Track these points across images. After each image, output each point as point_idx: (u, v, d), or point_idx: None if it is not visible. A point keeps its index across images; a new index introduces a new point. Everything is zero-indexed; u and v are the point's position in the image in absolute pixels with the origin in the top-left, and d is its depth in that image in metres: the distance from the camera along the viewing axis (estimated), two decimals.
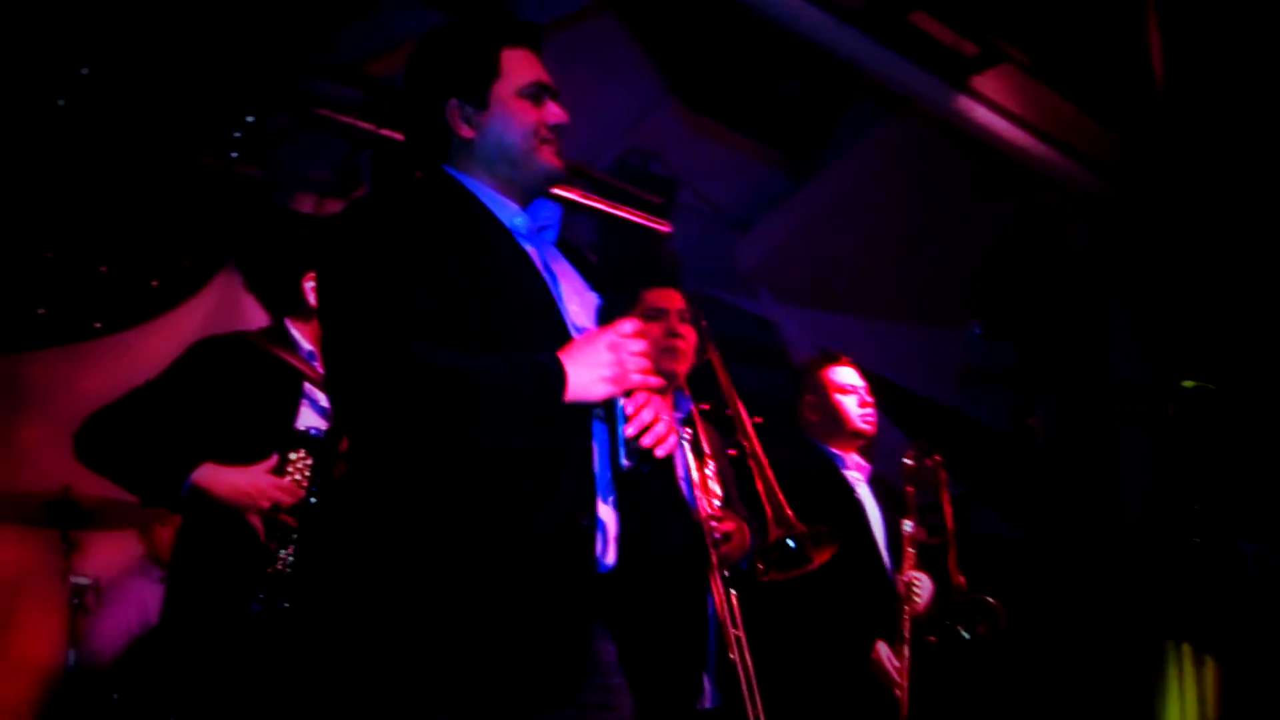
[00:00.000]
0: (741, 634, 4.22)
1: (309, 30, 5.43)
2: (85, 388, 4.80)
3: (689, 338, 4.54)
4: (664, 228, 6.97)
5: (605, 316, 2.76)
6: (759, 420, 7.87)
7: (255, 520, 3.56)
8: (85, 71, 4.91)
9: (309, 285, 3.96)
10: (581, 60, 6.20)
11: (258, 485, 3.59)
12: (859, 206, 7.28)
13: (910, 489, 5.13)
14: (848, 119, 6.09)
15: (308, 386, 3.82)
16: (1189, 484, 6.04)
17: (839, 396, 5.12)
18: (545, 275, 2.77)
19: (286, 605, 3.49)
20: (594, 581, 2.64)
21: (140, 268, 5.97)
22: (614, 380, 2.57)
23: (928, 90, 5.34)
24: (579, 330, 2.73)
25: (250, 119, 5.36)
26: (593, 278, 3.00)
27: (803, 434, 5.24)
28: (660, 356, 4.38)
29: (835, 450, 5.13)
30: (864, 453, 5.21)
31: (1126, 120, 5.63)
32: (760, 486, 4.36)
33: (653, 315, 4.48)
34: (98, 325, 5.86)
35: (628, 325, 2.63)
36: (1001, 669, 4.56)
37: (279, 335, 3.97)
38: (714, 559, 4.18)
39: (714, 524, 4.21)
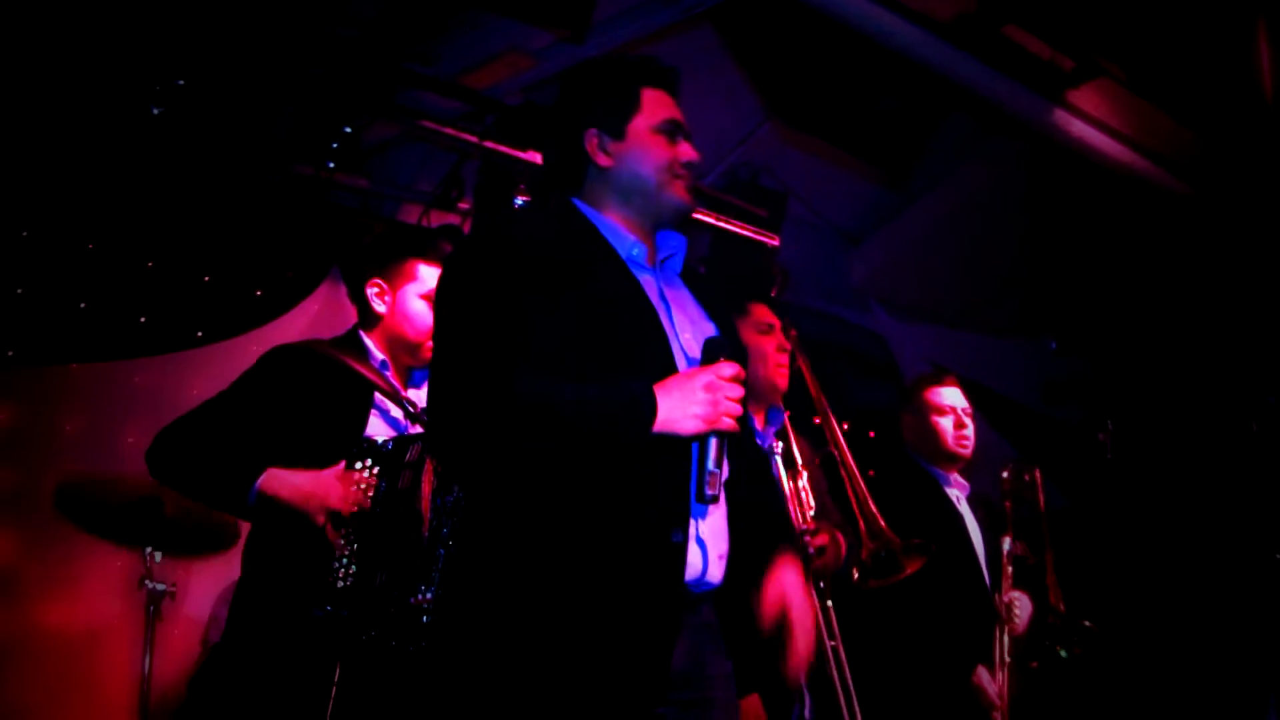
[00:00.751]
0: (840, 645, 4.22)
1: (412, 43, 5.52)
2: (188, 395, 4.83)
3: (793, 340, 4.57)
4: (772, 241, 6.98)
5: (710, 354, 2.75)
6: (870, 435, 7.95)
7: (321, 521, 3.52)
8: (180, 83, 4.98)
9: (371, 292, 3.94)
10: (684, 74, 6.22)
11: (322, 487, 3.54)
12: (972, 222, 7.22)
13: (1008, 505, 5.10)
14: (945, 134, 6.06)
15: (378, 397, 3.79)
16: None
17: (936, 418, 5.11)
18: (659, 305, 2.84)
19: (345, 614, 3.45)
20: (681, 596, 2.65)
21: (244, 277, 6.05)
22: (704, 419, 2.62)
23: (1023, 105, 5.27)
24: (690, 360, 2.79)
25: (348, 129, 5.42)
26: (715, 310, 3.03)
27: (905, 451, 5.23)
28: (776, 372, 4.44)
29: (936, 469, 5.10)
30: (965, 472, 5.18)
31: (1229, 132, 5.53)
32: (853, 497, 4.36)
33: (764, 330, 4.51)
34: (200, 334, 5.95)
35: (727, 369, 2.66)
36: (1101, 693, 4.49)
37: (352, 344, 3.93)
38: (810, 572, 4.18)
39: (808, 538, 4.21)
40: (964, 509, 5.06)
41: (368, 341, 3.94)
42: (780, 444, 4.44)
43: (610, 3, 5.15)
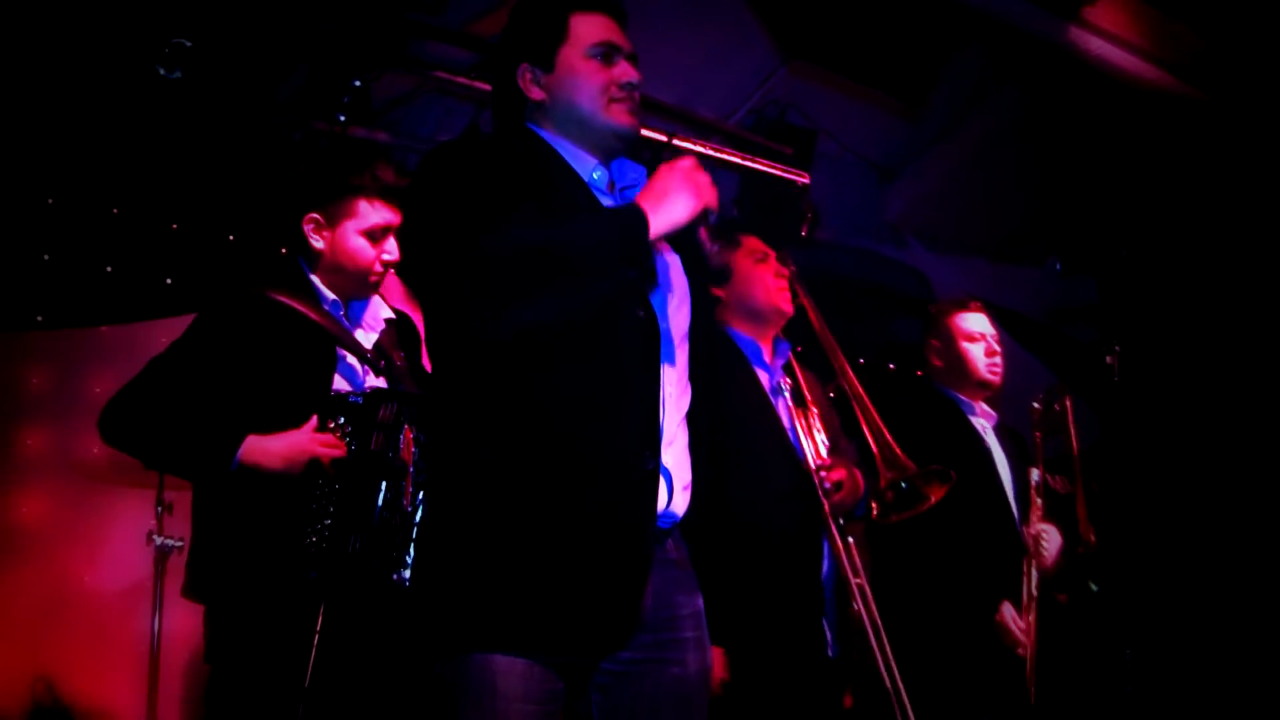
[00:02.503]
0: (865, 582, 4.17)
1: None
2: None
3: (790, 276, 4.52)
4: (801, 178, 6.88)
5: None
6: (890, 367, 7.85)
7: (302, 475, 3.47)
8: (188, 44, 4.99)
9: (308, 228, 3.83)
10: (698, 14, 6.16)
11: (302, 447, 3.49)
12: (1004, 152, 7.07)
13: (1039, 435, 5.00)
14: (961, 61, 5.92)
15: (340, 350, 3.71)
16: None
17: (965, 344, 5.01)
18: None
19: (314, 575, 3.39)
20: (653, 529, 2.63)
21: (267, 235, 6.07)
22: (694, 195, 2.62)
23: (1038, 24, 5.15)
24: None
25: (357, 83, 5.40)
26: (676, 239, 2.95)
27: (929, 380, 5.15)
28: (778, 295, 4.43)
29: (962, 397, 5.02)
30: (992, 401, 5.09)
31: (1246, 37, 5.35)
32: (866, 429, 4.30)
33: (759, 258, 4.49)
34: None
35: (684, 161, 2.68)
36: (1131, 628, 4.41)
37: (299, 284, 3.81)
38: (826, 508, 4.14)
39: (823, 474, 4.17)
40: (990, 439, 4.99)
41: (315, 280, 3.83)
42: (789, 380, 4.41)
43: None
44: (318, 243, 3.83)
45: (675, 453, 2.73)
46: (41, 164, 5.67)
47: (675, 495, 2.70)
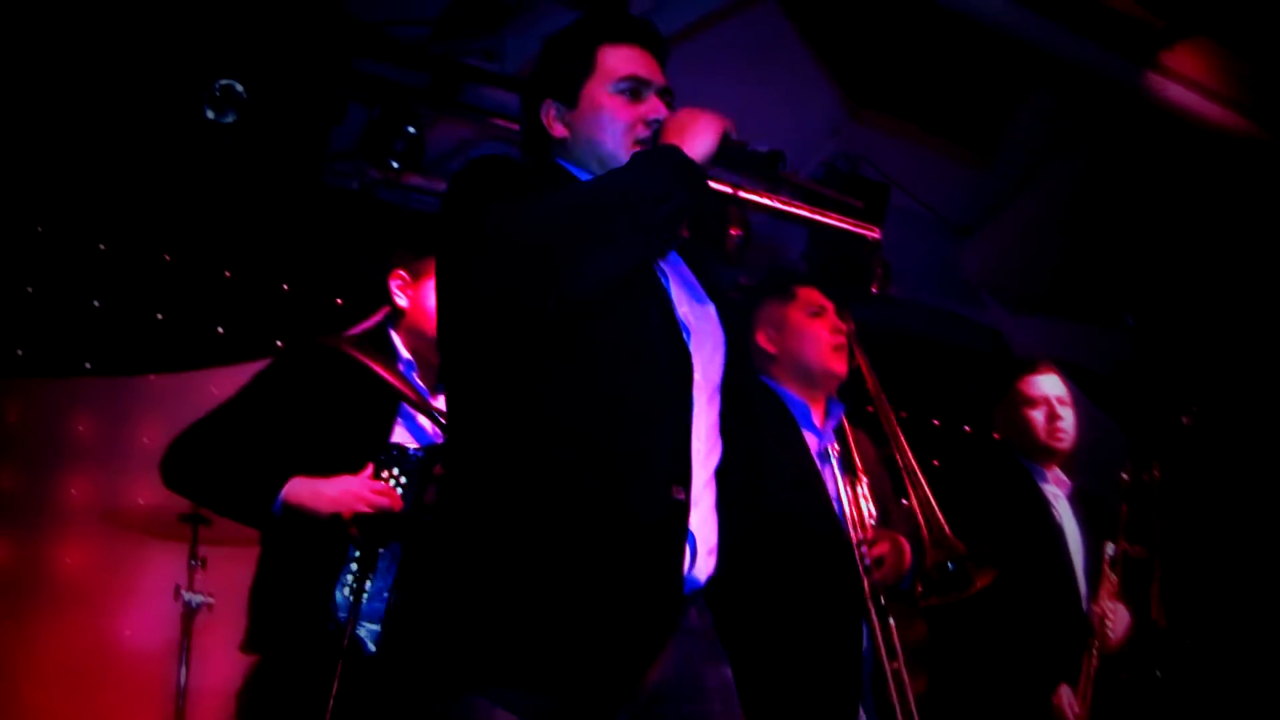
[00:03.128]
0: (902, 667, 3.91)
1: (475, 38, 5.42)
2: None
3: (849, 334, 4.28)
4: (872, 233, 6.65)
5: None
6: (967, 429, 7.58)
7: (354, 532, 3.36)
8: (241, 89, 4.95)
9: (395, 285, 3.82)
10: (765, 62, 6.01)
11: (351, 492, 3.38)
12: (1085, 206, 6.82)
13: (1125, 507, 4.70)
14: (1031, 108, 5.69)
15: (405, 406, 3.65)
16: None
17: (1027, 409, 4.79)
18: (658, 272, 2.64)
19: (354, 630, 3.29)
20: (678, 574, 2.41)
21: (322, 285, 5.99)
22: (711, 119, 2.52)
23: (1113, 70, 4.91)
24: (683, 325, 2.59)
25: (411, 129, 5.30)
26: (712, 286, 2.83)
27: (1000, 445, 4.91)
28: (831, 356, 4.16)
29: (1033, 464, 4.78)
30: (1067, 467, 4.84)
31: None
32: (916, 504, 4.05)
33: (815, 312, 4.23)
34: (279, 343, 5.92)
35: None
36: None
37: (378, 340, 3.79)
38: (866, 586, 3.89)
39: (865, 549, 3.91)
40: (1062, 508, 4.73)
41: (395, 339, 3.79)
42: (838, 446, 4.16)
43: None
44: (401, 300, 3.82)
45: (701, 513, 2.50)
46: (93, 210, 5.65)
47: (699, 559, 2.48)
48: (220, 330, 5.83)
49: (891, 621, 3.90)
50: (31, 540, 5.71)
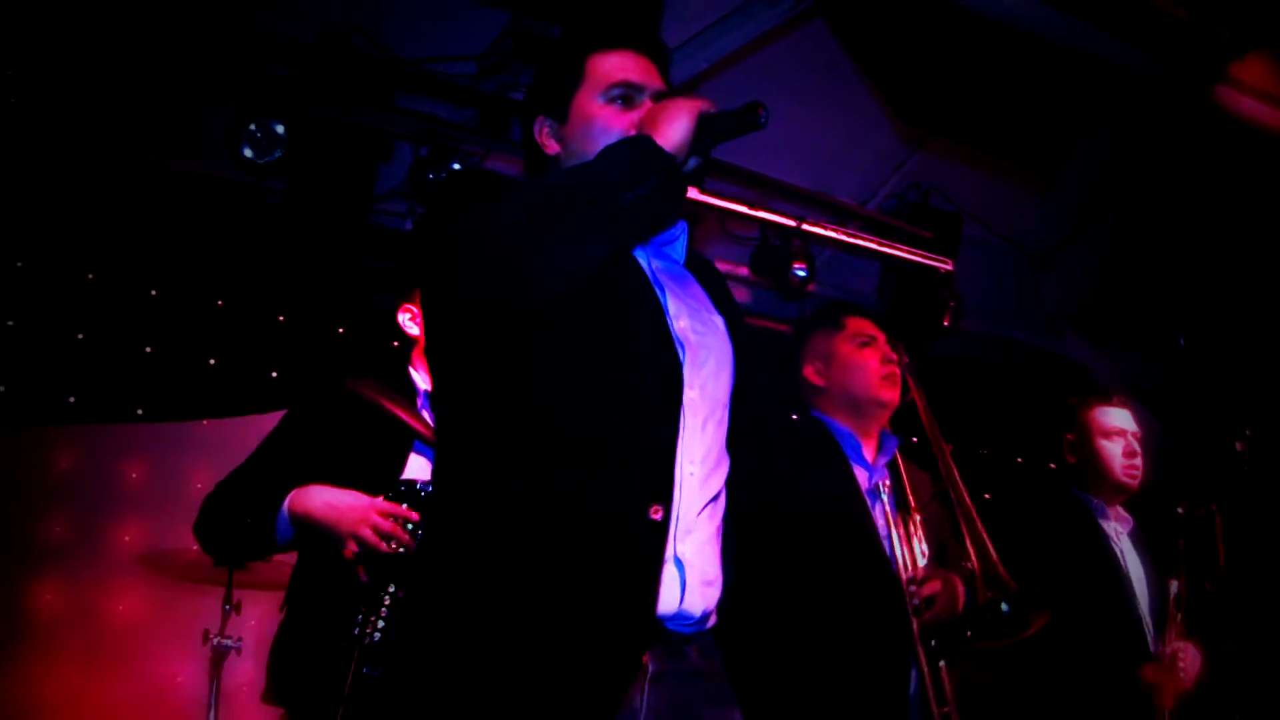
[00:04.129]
0: (953, 712, 3.69)
1: (521, 73, 5.33)
2: None
3: (902, 365, 4.09)
4: (944, 265, 6.47)
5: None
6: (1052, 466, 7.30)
7: (353, 549, 3.29)
8: (279, 129, 4.91)
9: (404, 318, 3.82)
10: (819, 90, 5.87)
11: (357, 506, 3.32)
12: (1167, 229, 6.56)
13: (1182, 543, 4.51)
14: (1097, 128, 5.46)
15: (418, 443, 3.59)
16: None
17: (1102, 441, 4.59)
18: (653, 284, 2.52)
19: (373, 673, 3.21)
20: (647, 605, 2.24)
21: (378, 328, 5.92)
22: (686, 105, 2.36)
23: (1180, 83, 4.67)
24: (679, 339, 2.45)
25: (456, 165, 5.21)
26: (724, 302, 2.72)
27: (1062, 478, 4.70)
28: (880, 385, 4.02)
29: (1095, 500, 4.57)
30: (1130, 505, 4.64)
31: None
32: (969, 542, 3.84)
33: (864, 342, 4.08)
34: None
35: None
36: None
37: (395, 373, 3.79)
38: (915, 627, 3.68)
39: (914, 588, 3.71)
40: (1124, 546, 4.54)
41: (413, 371, 3.79)
42: (890, 481, 3.97)
43: (706, 9, 4.80)
44: (413, 330, 3.82)
45: (695, 543, 2.36)
46: (144, 257, 5.64)
47: (690, 591, 2.32)
48: (274, 375, 5.77)
49: (942, 665, 3.71)
50: (82, 586, 5.74)
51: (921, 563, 3.81)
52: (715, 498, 2.44)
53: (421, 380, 3.76)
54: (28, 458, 5.89)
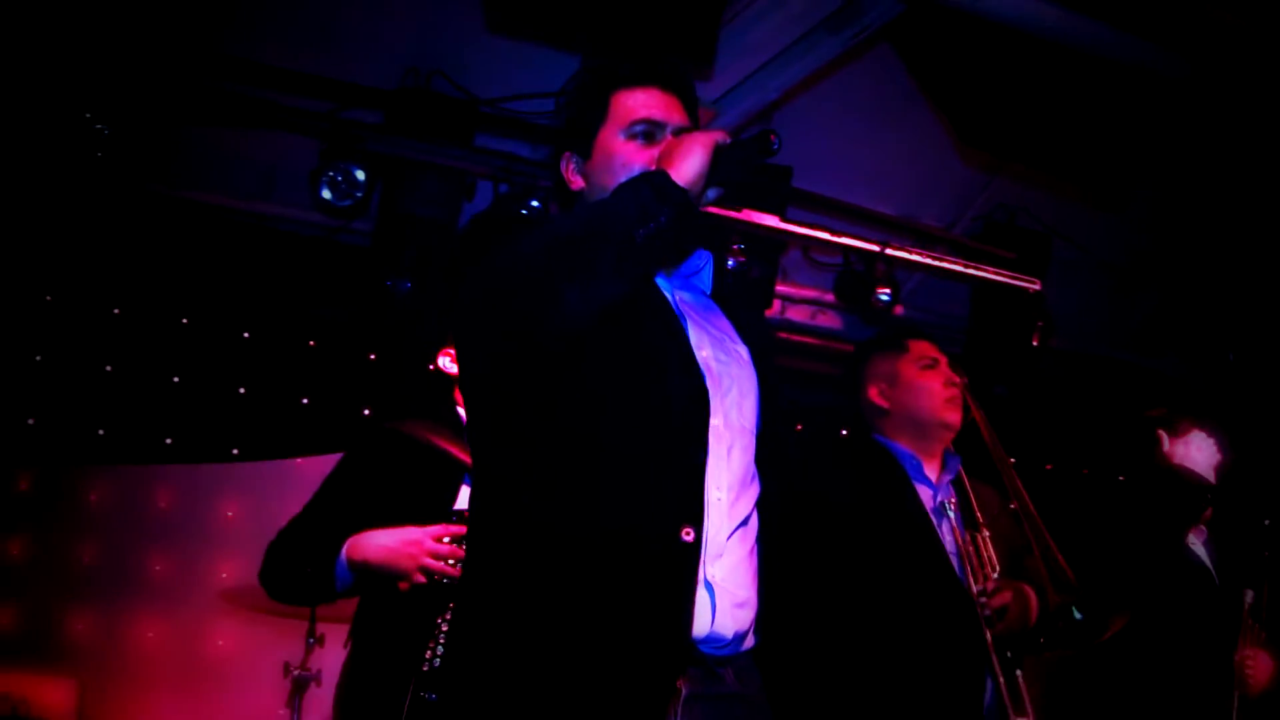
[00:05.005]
0: None
1: None
2: None
3: (963, 387, 4.09)
4: (1032, 285, 6.40)
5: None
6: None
7: (417, 580, 3.36)
8: (360, 174, 5.06)
9: (444, 362, 3.88)
10: (891, 116, 5.86)
11: (410, 540, 3.39)
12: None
13: (1267, 553, 4.52)
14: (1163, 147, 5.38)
15: (468, 476, 3.59)
16: None
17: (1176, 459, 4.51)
18: (677, 315, 2.57)
19: (432, 698, 3.26)
20: (680, 631, 2.27)
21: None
22: (700, 140, 2.40)
23: (1247, 96, 4.57)
24: (702, 366, 2.49)
25: (536, 204, 5.27)
26: (749, 332, 2.74)
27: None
28: (944, 407, 4.03)
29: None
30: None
31: None
32: (1036, 550, 3.81)
33: (927, 365, 4.11)
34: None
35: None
36: None
37: (444, 412, 3.85)
38: (989, 639, 3.66)
39: (984, 600, 3.70)
40: (1201, 553, 4.49)
41: (459, 410, 3.82)
42: (956, 499, 3.96)
43: (768, 42, 4.83)
44: (453, 370, 3.83)
45: (726, 566, 2.38)
46: (235, 303, 5.82)
47: (721, 614, 2.34)
48: (366, 412, 5.89)
49: (1019, 674, 3.68)
50: (180, 621, 5.92)
51: (992, 575, 3.81)
52: (745, 521, 2.47)
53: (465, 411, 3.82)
54: (129, 497, 6.08)
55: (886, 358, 4.16)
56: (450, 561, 3.36)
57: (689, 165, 2.36)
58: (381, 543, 3.43)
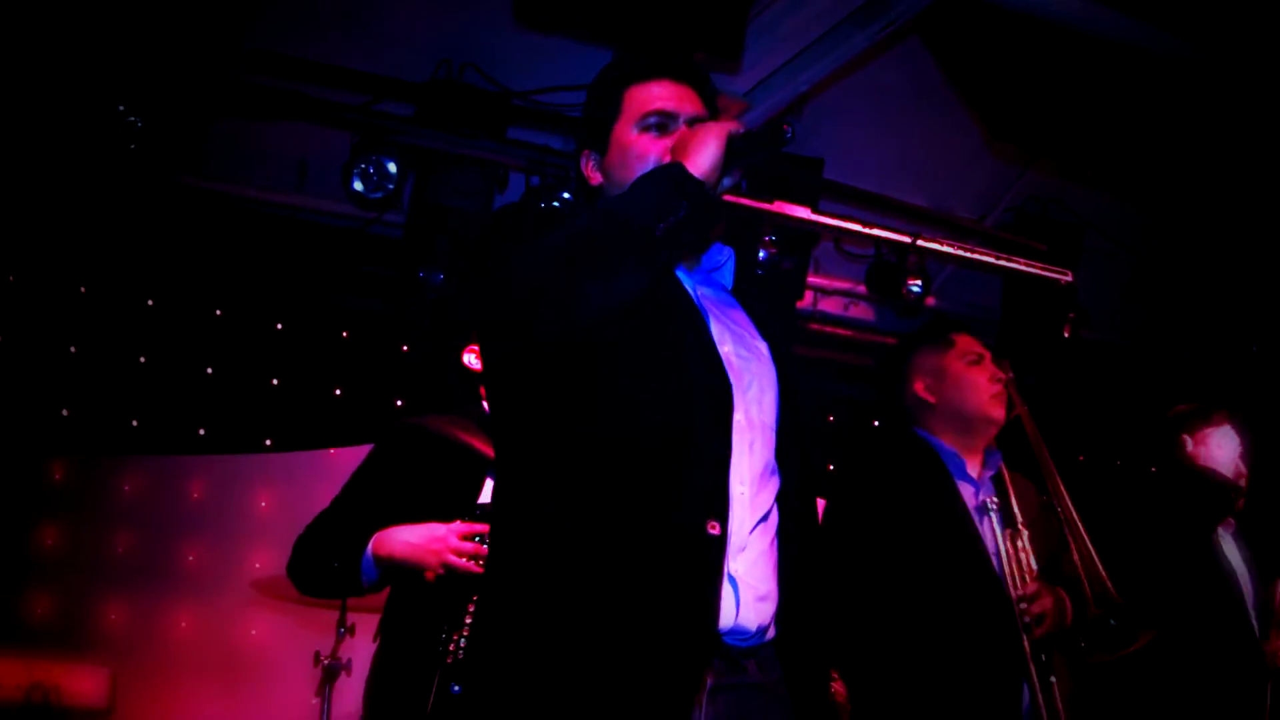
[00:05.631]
0: None
1: None
2: None
3: (1008, 382, 4.06)
4: (1065, 276, 6.35)
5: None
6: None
7: (437, 574, 3.38)
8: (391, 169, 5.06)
9: (467, 358, 3.93)
10: (920, 108, 5.84)
11: (435, 537, 3.41)
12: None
13: None
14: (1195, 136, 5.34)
15: (490, 469, 3.65)
16: None
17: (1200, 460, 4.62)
18: (700, 309, 2.57)
19: (457, 690, 3.27)
20: (708, 622, 2.27)
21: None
22: (715, 130, 2.40)
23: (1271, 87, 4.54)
24: (724, 361, 2.50)
25: (567, 195, 5.29)
26: (769, 328, 2.74)
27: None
28: (990, 403, 3.99)
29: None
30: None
31: None
32: (1077, 557, 3.79)
33: (973, 360, 4.06)
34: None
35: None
36: None
37: (469, 406, 3.87)
38: (1026, 645, 3.64)
39: (1024, 605, 3.67)
40: (1229, 547, 4.52)
41: (485, 404, 3.83)
42: (997, 498, 3.93)
43: (796, 35, 4.83)
44: (477, 365, 3.90)
45: (748, 560, 2.39)
46: (271, 288, 5.84)
47: (745, 607, 2.35)
48: (399, 404, 5.92)
49: (1053, 680, 3.66)
50: (214, 611, 6.01)
51: (1030, 579, 3.78)
52: (766, 516, 2.48)
53: None
54: (162, 487, 6.13)
55: (933, 352, 4.12)
56: (475, 559, 3.36)
57: (703, 156, 2.36)
58: (406, 539, 3.44)
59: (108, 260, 5.57)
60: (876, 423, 7.02)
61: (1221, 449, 4.54)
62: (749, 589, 2.36)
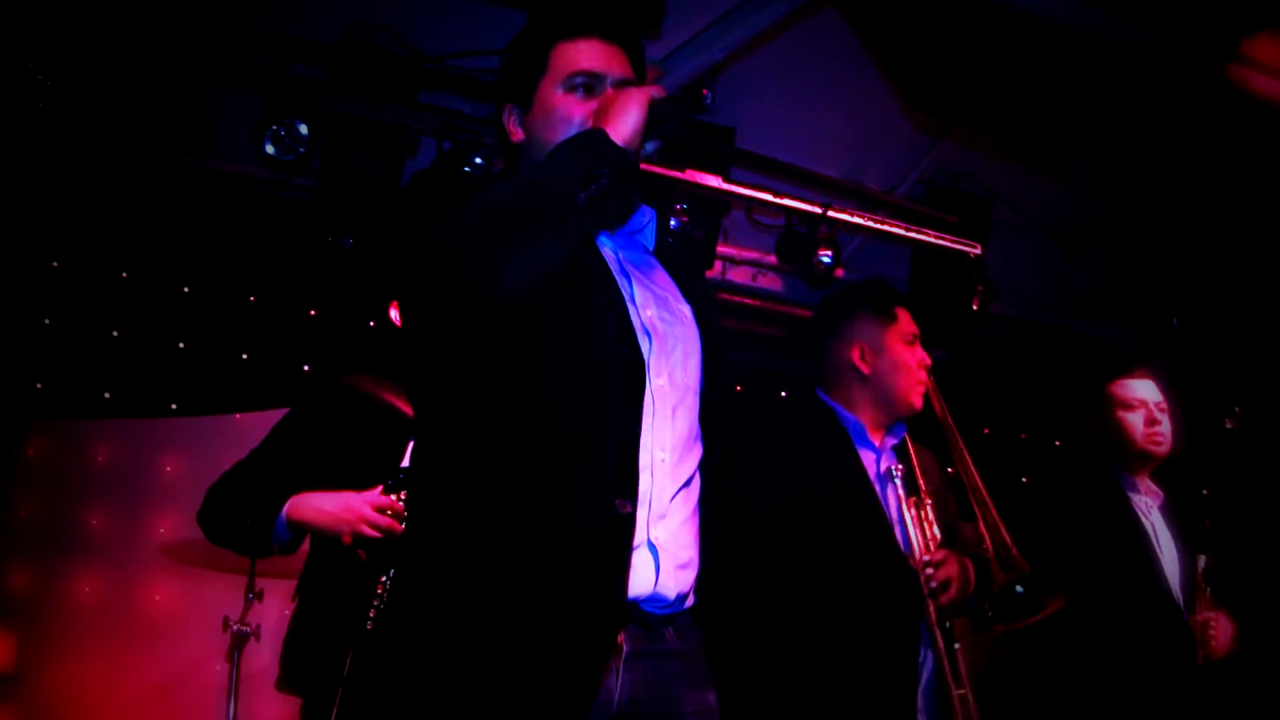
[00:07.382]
0: (969, 693, 3.70)
1: None
2: None
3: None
4: (973, 249, 6.44)
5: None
6: (1057, 443, 7.30)
7: (348, 543, 3.37)
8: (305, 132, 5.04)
9: (394, 313, 3.84)
10: (837, 77, 5.88)
11: (351, 510, 3.39)
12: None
13: (1208, 522, 4.55)
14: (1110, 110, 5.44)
15: None
16: None
17: (1122, 413, 4.58)
18: (619, 276, 2.55)
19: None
20: (616, 598, 2.28)
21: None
22: (636, 95, 2.40)
23: (1193, 62, 4.62)
24: (646, 328, 2.49)
25: (479, 161, 5.27)
26: (692, 289, 2.74)
27: (1088, 456, 4.72)
28: (915, 390, 3.97)
29: (1124, 473, 4.57)
30: (1158, 477, 4.63)
31: None
32: (982, 523, 3.85)
33: (910, 340, 4.03)
34: None
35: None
36: None
37: (395, 370, 3.85)
38: (931, 611, 3.69)
39: (930, 571, 3.71)
40: (1155, 519, 4.52)
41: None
42: (901, 466, 3.96)
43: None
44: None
45: (669, 527, 2.40)
46: (175, 256, 5.79)
47: (664, 574, 2.37)
48: (306, 368, 5.89)
49: (957, 646, 3.72)
50: (119, 576, 5.99)
51: (933, 546, 3.82)
52: (689, 482, 2.48)
53: None
54: (67, 452, 6.05)
55: (876, 322, 4.04)
56: (387, 532, 3.36)
57: (625, 122, 2.34)
58: (321, 506, 3.43)
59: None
60: (784, 393, 7.08)
61: (1142, 397, 4.59)
62: (669, 556, 2.38)
